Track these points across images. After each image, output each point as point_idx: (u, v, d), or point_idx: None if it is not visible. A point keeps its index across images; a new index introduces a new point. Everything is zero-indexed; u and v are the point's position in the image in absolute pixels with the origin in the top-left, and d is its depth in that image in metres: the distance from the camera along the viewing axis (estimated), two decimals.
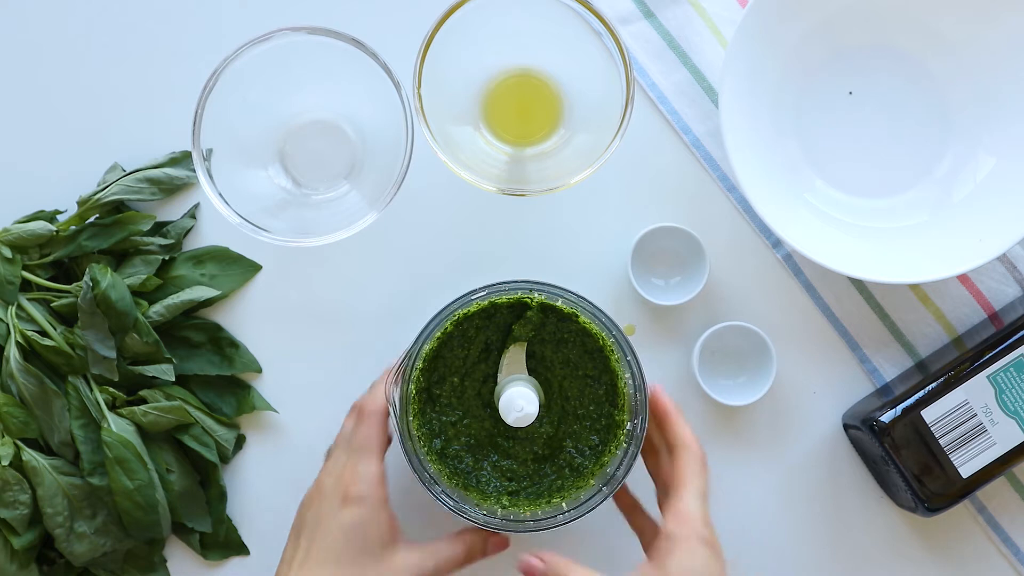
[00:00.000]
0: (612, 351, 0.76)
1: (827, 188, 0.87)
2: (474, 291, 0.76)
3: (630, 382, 0.76)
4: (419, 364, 0.76)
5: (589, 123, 0.83)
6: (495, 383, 0.77)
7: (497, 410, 0.75)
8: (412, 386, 0.76)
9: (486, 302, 0.76)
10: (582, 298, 0.76)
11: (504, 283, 0.77)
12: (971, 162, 0.86)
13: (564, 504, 0.76)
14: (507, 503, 0.76)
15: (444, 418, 0.77)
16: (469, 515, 0.75)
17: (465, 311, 0.76)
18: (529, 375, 0.77)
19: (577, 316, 0.76)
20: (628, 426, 0.76)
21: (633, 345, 0.77)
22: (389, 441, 0.78)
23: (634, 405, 0.76)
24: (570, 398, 0.78)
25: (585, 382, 0.77)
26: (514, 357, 0.77)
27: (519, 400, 0.73)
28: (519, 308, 0.77)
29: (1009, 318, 0.85)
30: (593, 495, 0.75)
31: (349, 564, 0.73)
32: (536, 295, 0.76)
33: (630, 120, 0.77)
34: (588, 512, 0.75)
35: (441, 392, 0.77)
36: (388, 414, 0.77)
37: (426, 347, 0.76)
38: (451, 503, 0.75)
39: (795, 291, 0.88)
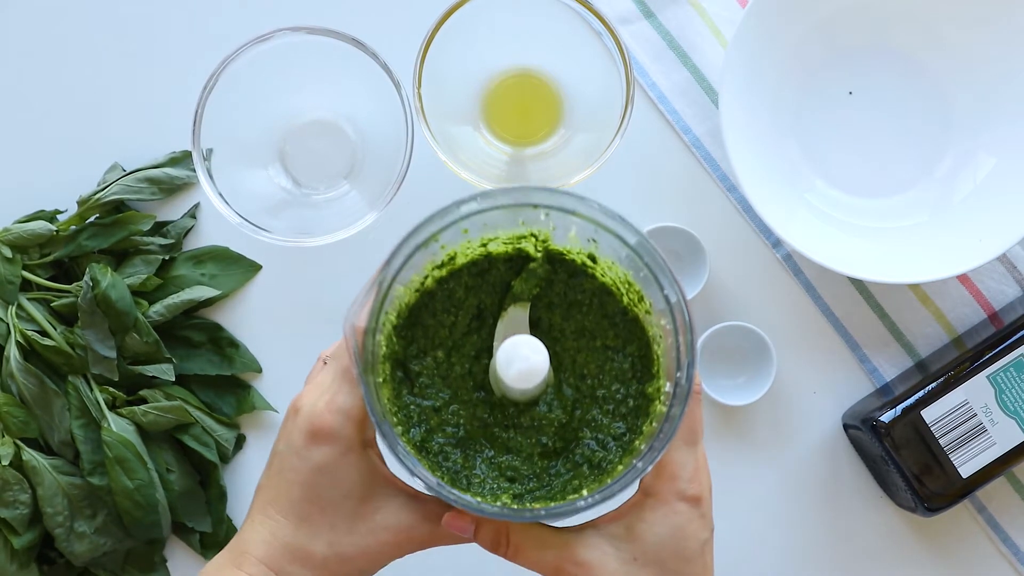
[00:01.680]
0: (641, 300, 0.59)
1: (827, 188, 0.87)
2: (462, 200, 0.57)
3: (670, 325, 0.57)
4: (392, 317, 0.59)
5: (589, 123, 0.83)
6: (490, 358, 0.61)
7: (493, 393, 0.61)
8: (382, 340, 0.59)
9: (478, 245, 0.61)
10: (604, 208, 0.57)
11: (501, 190, 0.58)
12: (971, 162, 0.86)
13: (585, 491, 0.59)
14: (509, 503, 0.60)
15: (425, 402, 0.61)
16: (462, 500, 0.57)
17: (450, 254, 0.60)
18: None
19: (595, 261, 0.61)
20: (667, 387, 0.57)
21: (671, 267, 0.57)
22: None
23: (676, 354, 0.56)
24: (587, 376, 0.62)
25: (605, 355, 0.62)
26: (514, 322, 0.61)
27: (523, 348, 0.56)
28: (520, 261, 0.62)
29: (1009, 318, 0.85)
30: (623, 476, 0.57)
31: (318, 515, 0.59)
32: (543, 216, 0.58)
33: (630, 120, 0.77)
34: (613, 497, 0.57)
35: (421, 369, 0.61)
36: None
37: (399, 289, 0.58)
38: (433, 482, 0.57)
39: (795, 291, 0.88)
